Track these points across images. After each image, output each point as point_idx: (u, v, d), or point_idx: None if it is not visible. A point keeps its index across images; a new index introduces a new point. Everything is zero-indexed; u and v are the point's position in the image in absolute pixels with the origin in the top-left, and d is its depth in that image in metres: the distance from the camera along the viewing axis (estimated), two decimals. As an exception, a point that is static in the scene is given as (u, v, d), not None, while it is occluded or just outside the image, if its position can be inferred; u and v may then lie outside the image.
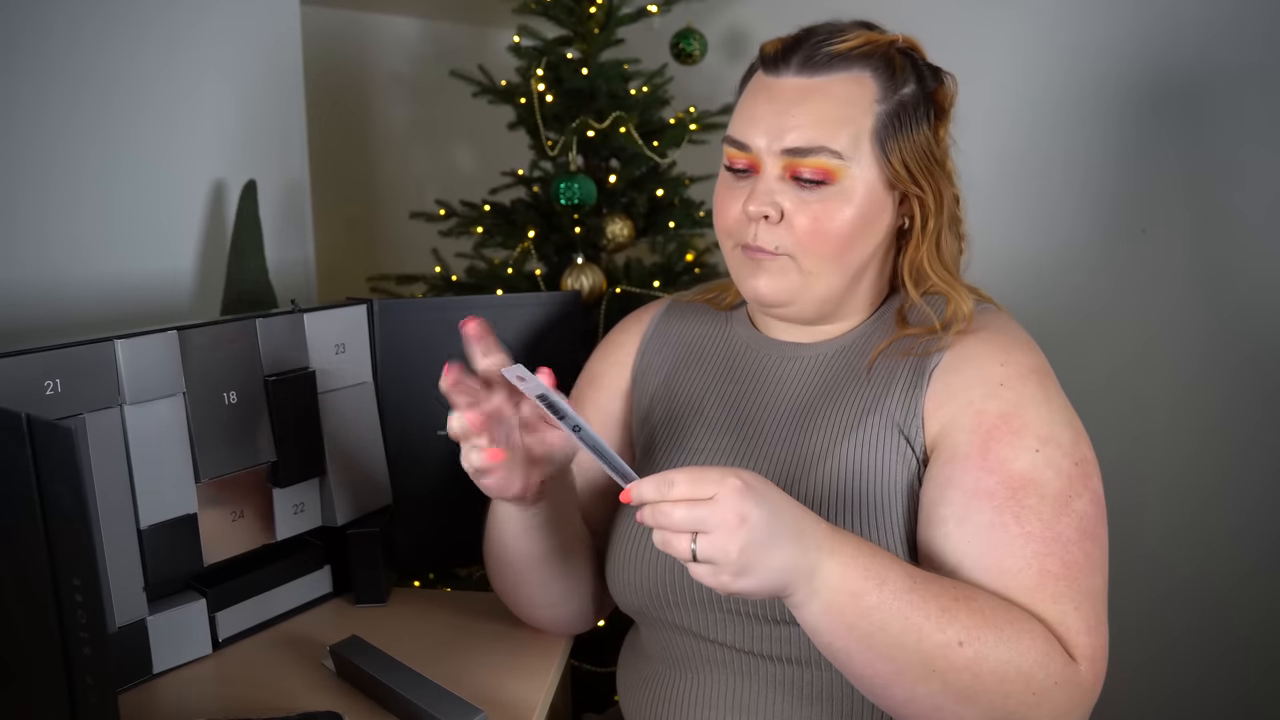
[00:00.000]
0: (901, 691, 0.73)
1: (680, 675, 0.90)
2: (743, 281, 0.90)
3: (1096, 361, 1.56)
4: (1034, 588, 0.76)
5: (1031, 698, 0.72)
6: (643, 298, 1.41)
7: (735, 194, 0.89)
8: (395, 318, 1.11)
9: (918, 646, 0.71)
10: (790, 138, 0.84)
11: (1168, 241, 1.51)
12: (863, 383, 0.88)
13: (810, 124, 0.84)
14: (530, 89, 1.44)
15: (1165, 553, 1.55)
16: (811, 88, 0.85)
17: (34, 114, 1.13)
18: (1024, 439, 0.80)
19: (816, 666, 0.83)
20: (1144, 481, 1.55)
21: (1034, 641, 0.73)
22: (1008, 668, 0.72)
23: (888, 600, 0.70)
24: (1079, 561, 0.77)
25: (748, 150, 0.87)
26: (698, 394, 0.96)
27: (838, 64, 0.85)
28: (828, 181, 0.84)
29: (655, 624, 0.92)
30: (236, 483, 1.00)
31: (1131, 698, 1.54)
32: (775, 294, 0.88)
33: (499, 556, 0.94)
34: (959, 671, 0.71)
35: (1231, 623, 1.50)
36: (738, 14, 1.82)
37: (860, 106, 0.85)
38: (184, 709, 0.88)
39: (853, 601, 0.70)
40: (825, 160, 0.84)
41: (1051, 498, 0.78)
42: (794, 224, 0.85)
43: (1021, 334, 0.88)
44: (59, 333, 1.04)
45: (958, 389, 0.83)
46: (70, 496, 0.66)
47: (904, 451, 0.83)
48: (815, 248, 0.86)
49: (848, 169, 0.84)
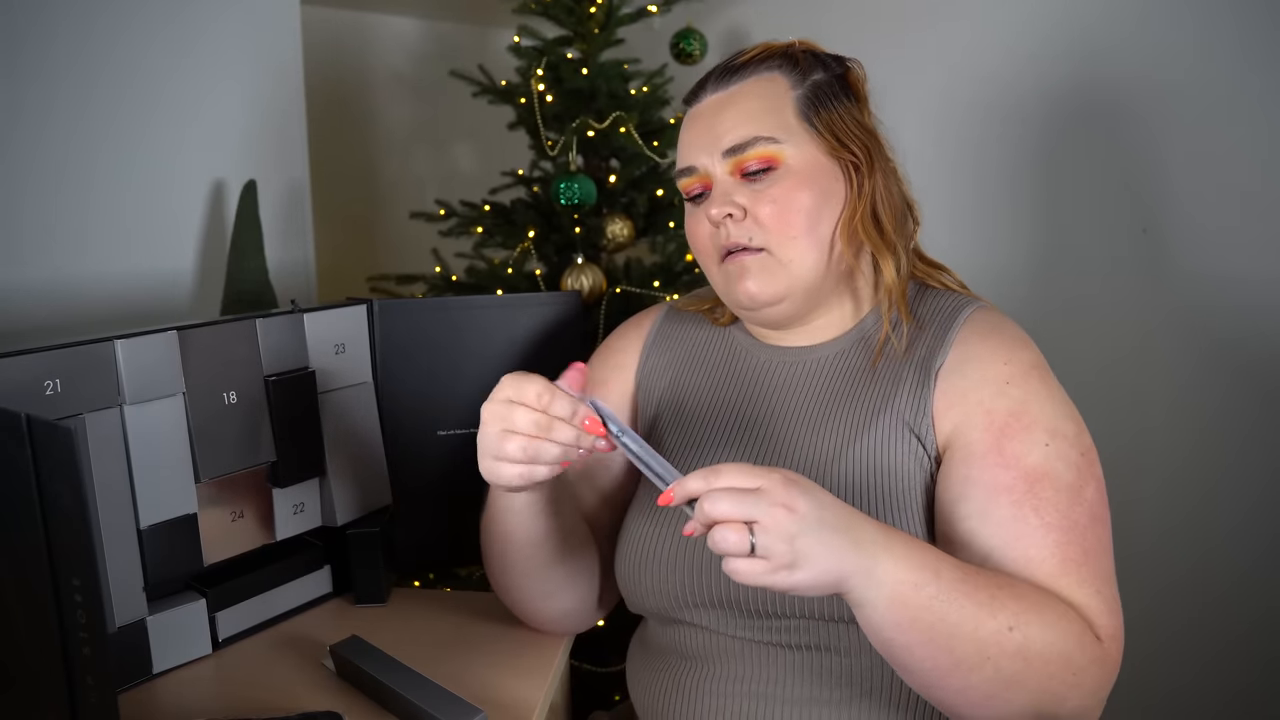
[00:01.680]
0: (957, 680, 0.73)
1: (695, 666, 0.91)
2: (732, 291, 0.92)
3: (1094, 360, 1.56)
4: (1059, 574, 0.79)
5: (1072, 678, 0.75)
6: (643, 298, 1.41)
7: (701, 218, 0.93)
8: (395, 318, 1.11)
9: (974, 635, 0.72)
10: (726, 139, 0.90)
11: (1168, 242, 1.51)
12: (868, 384, 0.90)
13: (739, 122, 0.90)
14: (530, 89, 1.44)
15: (1162, 550, 1.55)
16: (730, 96, 0.92)
17: (34, 115, 1.14)
18: (1034, 434, 0.83)
19: (832, 652, 0.85)
20: (1141, 478, 1.55)
21: (1071, 623, 0.76)
22: (1051, 650, 0.74)
23: (945, 590, 0.72)
24: (1094, 547, 0.80)
25: (695, 172, 0.93)
26: (704, 400, 0.97)
27: (746, 71, 0.93)
28: (773, 167, 0.89)
29: (670, 622, 0.93)
30: (236, 483, 1.00)
31: (1129, 694, 1.53)
32: (766, 292, 0.90)
33: (500, 546, 0.93)
34: (1010, 657, 0.73)
35: (1229, 620, 1.50)
36: (738, 14, 1.82)
37: (778, 96, 0.91)
38: (184, 709, 0.88)
39: (915, 592, 0.71)
40: (764, 148, 0.89)
41: (1065, 489, 0.81)
42: (758, 215, 0.89)
43: (1017, 330, 0.91)
44: (59, 333, 1.04)
45: (966, 390, 0.86)
46: (70, 496, 0.66)
47: (916, 450, 0.86)
48: (784, 230, 0.88)
49: (785, 151, 0.89)
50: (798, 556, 0.66)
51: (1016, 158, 1.61)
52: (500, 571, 0.97)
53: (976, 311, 0.91)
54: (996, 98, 1.60)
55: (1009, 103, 1.59)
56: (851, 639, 0.83)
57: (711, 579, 0.87)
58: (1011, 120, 1.60)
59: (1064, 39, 1.55)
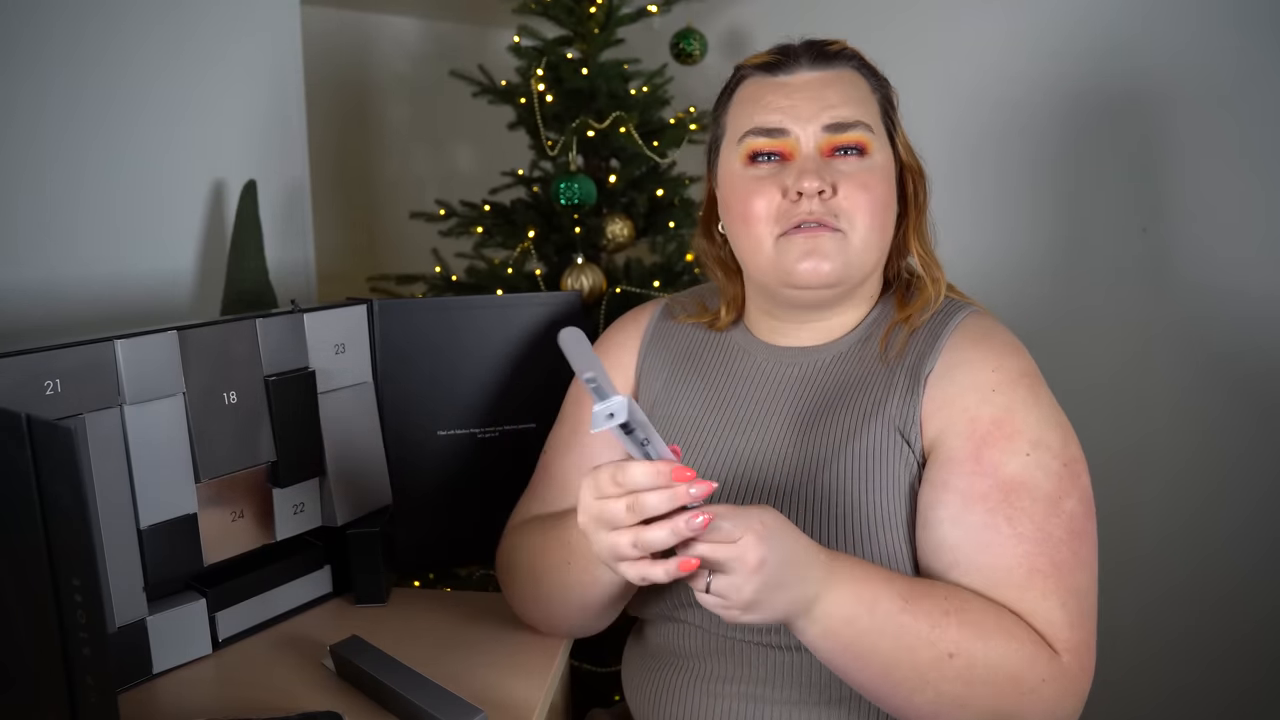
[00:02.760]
0: (899, 700, 0.78)
1: (686, 667, 0.91)
2: (793, 266, 0.89)
3: (1097, 361, 1.56)
4: (1023, 585, 0.79)
5: (1021, 697, 0.77)
6: (643, 298, 1.41)
7: (767, 183, 0.90)
8: (395, 318, 1.11)
9: (911, 661, 0.76)
10: (828, 115, 0.89)
11: (1169, 242, 1.51)
12: (862, 388, 0.90)
13: (844, 102, 0.90)
14: (530, 89, 1.44)
15: (1163, 555, 1.55)
16: (829, 77, 0.92)
17: (34, 114, 1.14)
18: (1016, 443, 0.82)
19: None
20: (1142, 482, 1.55)
21: (1021, 645, 0.77)
22: (997, 673, 0.76)
23: (880, 622, 0.75)
24: (1067, 560, 0.80)
25: (783, 135, 0.90)
26: (699, 400, 0.97)
27: (839, 61, 0.93)
28: (865, 153, 0.90)
29: (664, 621, 0.93)
30: (236, 483, 1.00)
31: (1128, 699, 1.54)
32: (833, 273, 0.89)
33: (570, 592, 0.90)
34: (951, 681, 0.76)
35: (1229, 624, 1.50)
36: (738, 14, 1.82)
37: (867, 94, 0.93)
38: (184, 709, 0.88)
39: (846, 626, 0.75)
40: (862, 134, 0.90)
41: (1043, 499, 0.81)
42: (849, 195, 0.89)
43: (1009, 337, 0.90)
44: (59, 333, 1.04)
45: (953, 395, 0.86)
46: (70, 496, 0.66)
47: (905, 454, 0.86)
48: (865, 216, 0.89)
49: (875, 143, 0.91)
50: (754, 603, 0.71)
51: (1016, 159, 1.61)
52: (549, 601, 0.94)
53: (969, 317, 0.91)
54: (997, 98, 1.60)
55: (1008, 103, 1.59)
56: None
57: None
58: (1010, 120, 1.60)
59: (1055, 39, 1.55)
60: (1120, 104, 1.52)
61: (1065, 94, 1.56)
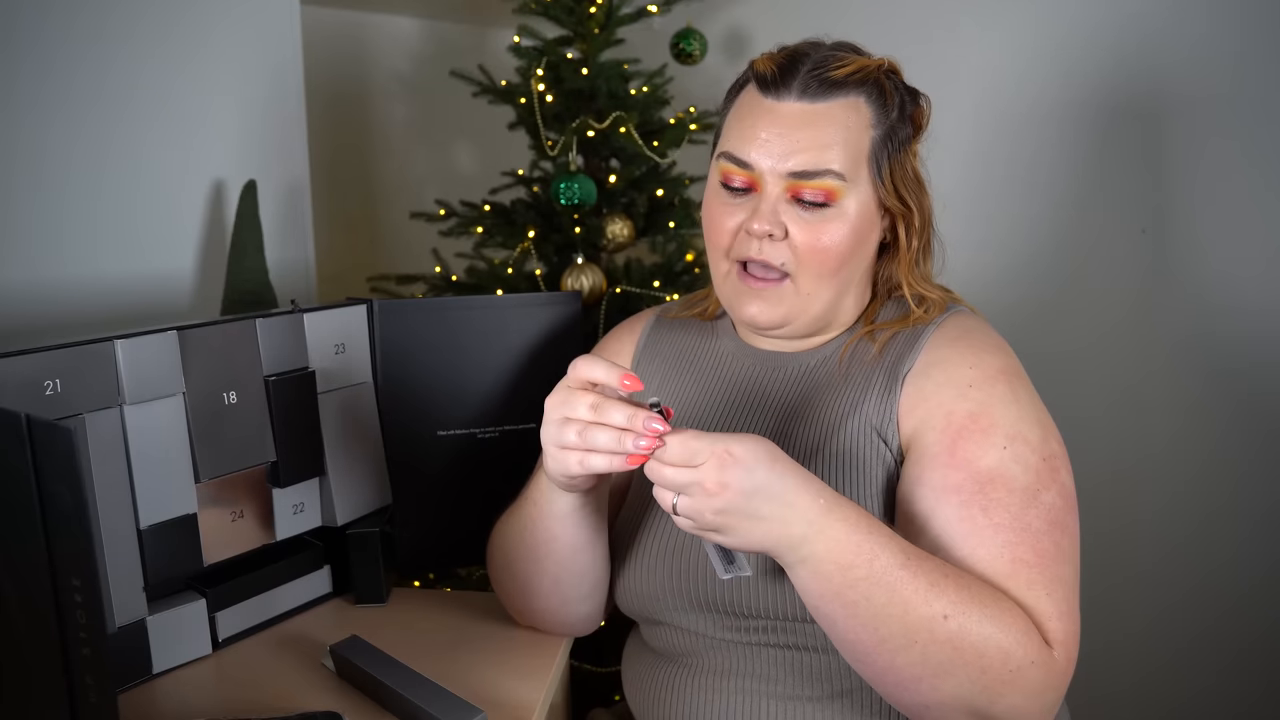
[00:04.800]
0: (882, 659, 0.75)
1: (683, 667, 0.92)
2: (738, 307, 0.93)
3: (1098, 361, 1.56)
4: (1008, 575, 0.78)
5: (1008, 674, 0.75)
6: (643, 298, 1.41)
7: (732, 210, 0.91)
8: (395, 318, 1.11)
9: (902, 619, 0.74)
10: (795, 160, 0.87)
11: (1169, 243, 1.51)
12: (841, 388, 0.91)
13: (815, 148, 0.87)
14: (530, 89, 1.44)
15: (1169, 566, 1.54)
16: (814, 113, 0.88)
17: (33, 114, 1.13)
18: (991, 437, 0.82)
19: (812, 651, 0.85)
20: (1148, 491, 1.54)
21: (1015, 620, 0.76)
22: (988, 643, 0.74)
23: (878, 574, 0.74)
24: (1049, 550, 0.80)
25: (749, 169, 0.89)
26: (689, 403, 0.99)
27: (836, 90, 0.88)
28: (829, 203, 0.88)
29: (656, 623, 0.94)
30: (236, 483, 1.00)
31: (1134, 711, 1.53)
32: (771, 318, 0.91)
33: (542, 549, 0.92)
34: (940, 644, 0.74)
35: (1235, 637, 1.50)
36: (738, 14, 1.82)
37: (858, 131, 0.88)
38: (184, 709, 0.88)
39: (840, 573, 0.74)
40: (829, 182, 0.87)
41: (1019, 491, 0.81)
42: (795, 242, 0.88)
43: (991, 336, 0.91)
44: (59, 333, 1.04)
45: (929, 392, 0.86)
46: (70, 496, 0.66)
47: (881, 452, 0.86)
48: (814, 265, 0.88)
49: (847, 190, 0.88)
50: (721, 525, 0.72)
51: (1016, 160, 1.60)
52: (527, 576, 0.95)
53: (951, 316, 0.92)
54: (997, 101, 1.60)
55: (1008, 105, 1.59)
56: (827, 639, 0.83)
57: (692, 583, 0.88)
58: (1010, 122, 1.60)
59: (1056, 43, 1.55)
60: (1120, 104, 1.52)
61: (1070, 102, 1.56)
